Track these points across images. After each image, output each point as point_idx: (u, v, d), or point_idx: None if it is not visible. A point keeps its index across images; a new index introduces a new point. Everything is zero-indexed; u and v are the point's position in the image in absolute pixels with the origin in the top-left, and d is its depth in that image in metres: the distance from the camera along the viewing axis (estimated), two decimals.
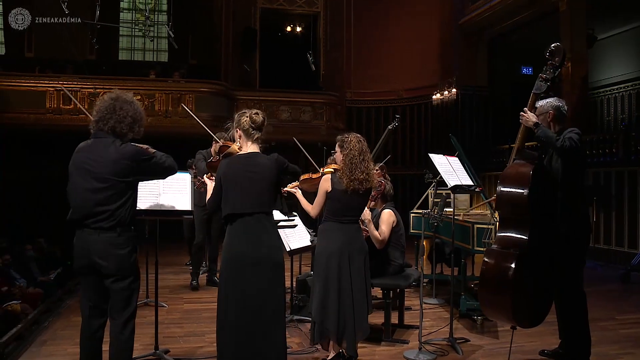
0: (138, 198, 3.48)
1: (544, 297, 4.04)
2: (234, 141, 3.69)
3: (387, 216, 5.02)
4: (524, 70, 14.10)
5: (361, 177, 3.99)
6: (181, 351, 4.65)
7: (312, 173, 4.50)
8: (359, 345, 4.79)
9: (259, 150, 3.60)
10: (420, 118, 14.77)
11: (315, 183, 4.22)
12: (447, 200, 4.78)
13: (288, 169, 3.68)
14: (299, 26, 15.68)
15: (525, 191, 3.85)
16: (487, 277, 3.93)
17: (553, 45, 4.12)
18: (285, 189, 4.49)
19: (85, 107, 12.04)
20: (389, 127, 6.46)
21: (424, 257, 6.43)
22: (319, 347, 4.36)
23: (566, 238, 4.03)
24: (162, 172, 3.48)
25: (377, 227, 4.94)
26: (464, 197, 6.43)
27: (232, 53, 14.84)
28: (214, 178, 3.79)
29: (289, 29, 15.74)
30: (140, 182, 3.48)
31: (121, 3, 16.29)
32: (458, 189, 4.64)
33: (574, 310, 4.14)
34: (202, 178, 4.02)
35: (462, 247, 5.76)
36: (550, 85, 4.11)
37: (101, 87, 12.41)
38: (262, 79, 15.07)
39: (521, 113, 4.10)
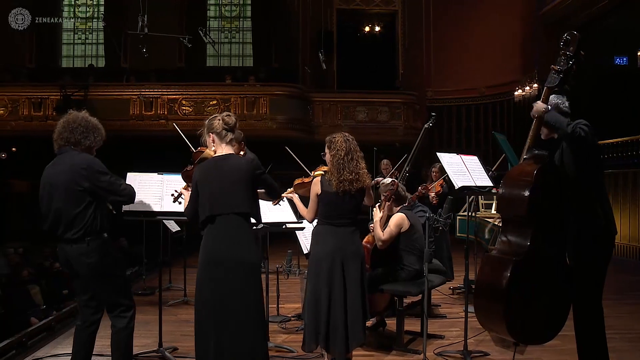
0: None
1: (552, 312, 3.64)
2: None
3: (397, 219, 4.81)
4: (617, 61, 12.92)
5: (350, 177, 3.83)
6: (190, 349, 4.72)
7: (304, 177, 4.39)
8: (365, 353, 4.65)
9: (233, 152, 3.56)
10: (503, 115, 14.07)
11: (308, 187, 4.10)
12: (471, 201, 4.45)
13: (262, 177, 3.61)
14: (377, 25, 15.47)
15: (526, 193, 3.51)
16: (482, 284, 3.63)
17: (567, 33, 3.71)
18: (283, 195, 4.42)
19: (165, 112, 12.72)
20: (425, 125, 6.19)
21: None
22: (323, 352, 4.23)
23: (578, 244, 3.61)
24: (114, 193, 3.57)
25: None
26: None
27: (309, 55, 14.95)
28: (190, 188, 3.77)
29: (367, 29, 15.58)
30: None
31: (208, 12, 16.94)
32: (466, 190, 4.32)
33: (587, 328, 3.68)
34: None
35: None
36: (564, 77, 3.69)
37: (180, 93, 13.00)
38: (339, 81, 15.06)
39: (532, 105, 3.75)
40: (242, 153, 3.85)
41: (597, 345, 3.68)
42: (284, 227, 4.70)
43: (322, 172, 4.01)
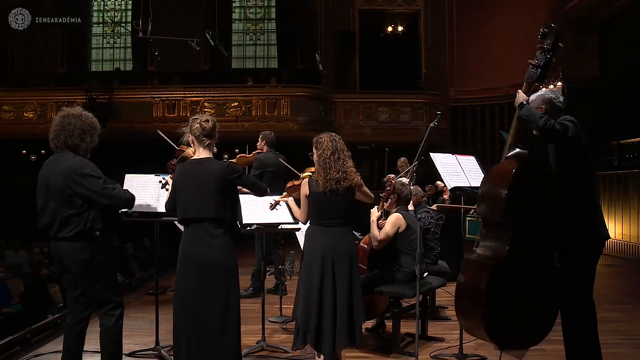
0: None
1: (536, 317, 3.56)
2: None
3: (393, 219, 4.78)
4: None
5: (337, 176, 3.85)
6: None
7: (294, 180, 4.42)
8: (360, 355, 4.63)
9: (210, 156, 3.61)
10: None
11: (299, 189, 4.12)
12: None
13: (240, 180, 3.65)
14: (400, 25, 15.38)
15: (503, 194, 3.45)
16: (462, 288, 3.59)
17: (545, 26, 3.65)
18: (278, 199, 4.46)
19: (187, 114, 12.90)
20: (431, 124, 6.13)
21: None
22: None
23: (561, 248, 3.53)
24: (105, 197, 3.57)
25: None
26: None
27: (331, 56, 14.96)
28: None
29: (389, 29, 15.49)
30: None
31: (233, 14, 17.11)
32: (459, 190, 4.27)
33: (577, 335, 3.57)
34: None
35: None
36: (542, 72, 3.65)
37: (202, 95, 13.17)
38: (362, 81, 15.01)
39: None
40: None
41: (588, 354, 3.58)
42: (279, 227, 4.74)
43: (310, 173, 4.05)
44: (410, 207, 5.30)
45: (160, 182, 4.20)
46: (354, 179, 3.94)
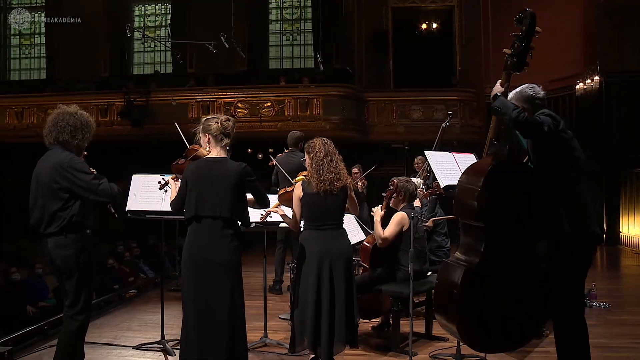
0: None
1: (518, 320, 3.48)
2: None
3: (398, 217, 4.78)
4: None
5: (330, 177, 3.91)
6: None
7: (287, 187, 4.47)
8: (360, 352, 4.67)
9: (226, 156, 3.63)
10: (565, 110, 13.42)
11: (292, 196, 4.17)
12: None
13: (252, 185, 3.65)
14: (434, 22, 15.20)
15: (476, 191, 3.34)
16: (439, 289, 3.57)
17: (520, 10, 3.52)
18: (269, 210, 4.48)
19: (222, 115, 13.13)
20: (443, 125, 6.12)
21: None
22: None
23: (545, 249, 3.46)
24: (92, 192, 3.57)
25: None
26: None
27: (365, 55, 14.94)
28: (179, 181, 3.85)
29: (423, 26, 15.34)
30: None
31: (270, 15, 17.30)
32: (451, 189, 4.24)
33: (566, 339, 3.48)
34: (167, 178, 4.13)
35: None
36: (519, 61, 3.51)
37: (235, 96, 13.39)
38: (396, 79, 14.93)
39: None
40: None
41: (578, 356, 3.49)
42: (279, 225, 4.80)
43: (303, 177, 4.12)
44: (417, 203, 5.28)
45: (159, 182, 4.20)
46: (347, 180, 4.00)
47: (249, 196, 3.72)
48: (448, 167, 4.41)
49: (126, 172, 4.93)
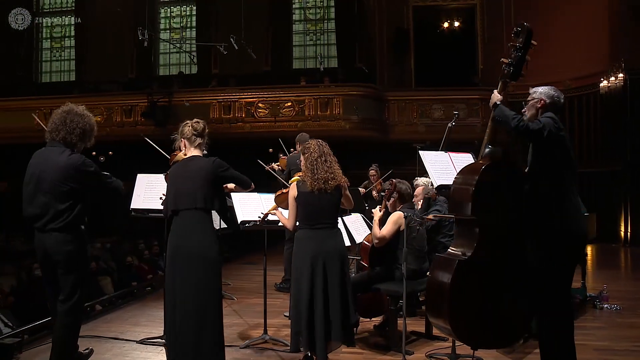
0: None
1: (507, 317, 3.52)
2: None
3: (395, 217, 4.81)
4: None
5: (324, 175, 3.98)
6: None
7: (283, 188, 4.55)
8: (357, 351, 4.71)
9: (200, 154, 3.85)
10: (589, 109, 13.20)
11: (287, 198, 4.25)
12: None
13: (227, 174, 3.83)
14: (456, 21, 15.08)
15: (470, 191, 3.44)
16: (430, 284, 3.61)
17: (518, 24, 3.62)
18: (266, 212, 4.62)
19: (243, 115, 13.30)
20: (449, 125, 6.10)
21: None
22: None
23: (534, 246, 3.48)
24: (105, 189, 3.84)
25: None
26: None
27: (386, 54, 14.93)
28: None
29: (445, 25, 15.23)
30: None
31: (293, 16, 17.41)
32: (444, 189, 4.26)
33: (550, 335, 3.49)
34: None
35: None
36: (515, 70, 3.63)
37: (256, 96, 13.52)
38: (417, 78, 14.88)
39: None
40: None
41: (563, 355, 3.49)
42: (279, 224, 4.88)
43: (298, 177, 4.19)
44: (420, 204, 5.30)
45: (160, 198, 4.21)
46: (342, 179, 4.06)
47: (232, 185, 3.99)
48: (443, 166, 4.42)
49: (148, 171, 5.11)
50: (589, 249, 11.63)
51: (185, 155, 3.92)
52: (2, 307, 7.54)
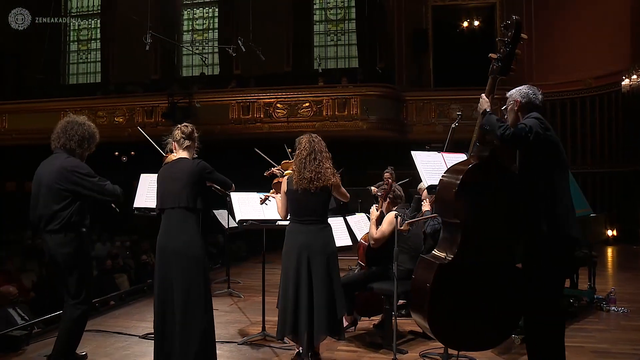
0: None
1: (491, 320, 3.50)
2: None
3: (390, 217, 4.85)
4: None
5: (309, 175, 4.05)
6: None
7: (280, 177, 4.64)
8: (351, 349, 4.77)
9: (188, 156, 4.01)
10: (610, 108, 12.98)
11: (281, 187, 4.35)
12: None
13: (210, 176, 3.98)
14: (476, 20, 14.96)
15: (454, 190, 3.43)
16: (414, 286, 3.64)
17: (508, 18, 3.59)
18: (267, 195, 4.73)
19: (261, 116, 13.43)
20: (453, 125, 6.09)
21: None
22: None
23: (523, 248, 3.47)
24: (99, 192, 3.98)
25: None
26: None
27: (404, 54, 14.90)
28: None
29: (465, 24, 15.12)
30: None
31: (314, 16, 17.48)
32: (434, 189, 4.26)
33: (539, 342, 3.46)
34: None
35: None
36: (503, 65, 3.57)
37: (275, 97, 13.64)
38: (436, 78, 14.81)
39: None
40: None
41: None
42: (276, 224, 4.97)
43: (291, 171, 4.27)
44: (427, 207, 5.32)
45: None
46: (330, 180, 4.11)
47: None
48: (435, 167, 4.43)
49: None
50: (608, 250, 11.47)
51: (174, 156, 4.07)
52: (22, 302, 7.78)
